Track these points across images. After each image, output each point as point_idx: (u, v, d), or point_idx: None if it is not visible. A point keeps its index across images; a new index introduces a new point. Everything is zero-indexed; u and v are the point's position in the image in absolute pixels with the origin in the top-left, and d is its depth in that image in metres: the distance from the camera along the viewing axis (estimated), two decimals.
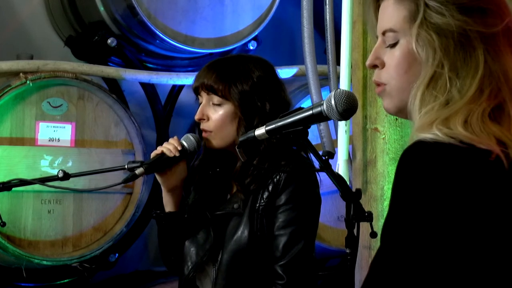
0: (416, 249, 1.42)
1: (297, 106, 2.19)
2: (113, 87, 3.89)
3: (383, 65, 1.62)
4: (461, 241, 1.42)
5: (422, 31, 1.54)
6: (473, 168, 1.43)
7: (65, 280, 3.73)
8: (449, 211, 1.41)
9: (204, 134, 2.52)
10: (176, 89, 4.12)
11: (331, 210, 3.98)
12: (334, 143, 3.32)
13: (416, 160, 1.45)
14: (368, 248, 3.07)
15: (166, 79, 3.88)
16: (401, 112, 1.61)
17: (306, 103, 3.85)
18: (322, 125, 3.29)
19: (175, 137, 2.54)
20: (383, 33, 1.61)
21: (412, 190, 1.43)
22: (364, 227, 2.08)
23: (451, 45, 1.52)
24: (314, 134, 3.12)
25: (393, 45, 1.59)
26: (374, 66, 1.63)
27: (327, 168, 2.02)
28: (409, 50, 1.56)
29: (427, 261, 1.42)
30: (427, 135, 1.47)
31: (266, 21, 4.01)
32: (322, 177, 2.35)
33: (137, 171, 2.47)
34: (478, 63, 1.52)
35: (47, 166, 3.52)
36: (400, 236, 1.44)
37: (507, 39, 1.55)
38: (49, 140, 3.54)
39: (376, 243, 2.95)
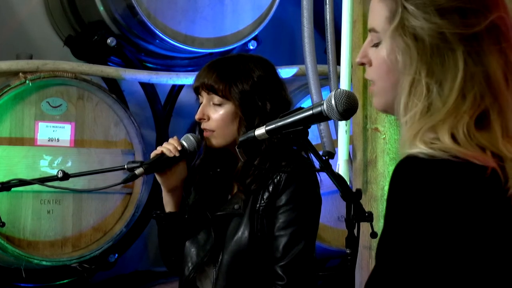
0: (412, 270, 1.38)
1: (297, 106, 2.18)
2: (113, 87, 3.89)
3: (370, 63, 1.57)
4: (459, 260, 1.39)
5: (397, 35, 1.48)
6: (469, 186, 1.39)
7: (65, 281, 3.73)
8: (445, 230, 1.38)
9: (205, 133, 2.51)
10: (176, 89, 4.11)
11: (331, 210, 3.97)
12: (334, 143, 3.31)
13: (410, 178, 1.40)
14: (368, 249, 3.06)
15: (166, 79, 3.87)
16: (387, 110, 1.57)
17: (306, 103, 3.84)
18: (322, 125, 3.28)
19: (175, 137, 2.53)
20: (369, 31, 1.57)
21: (407, 210, 1.39)
22: (365, 227, 2.07)
23: (428, 49, 1.46)
24: (314, 134, 3.11)
25: (377, 45, 1.55)
26: (363, 64, 1.60)
27: (328, 168, 2.02)
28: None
29: (423, 282, 1.38)
30: (417, 150, 1.42)
31: (266, 21, 4.00)
32: (323, 177, 2.35)
33: (137, 171, 2.46)
34: (458, 66, 1.44)
35: (47, 166, 3.51)
36: (396, 256, 1.40)
37: (493, 37, 1.47)
38: (49, 140, 3.54)
39: (377, 243, 2.94)
